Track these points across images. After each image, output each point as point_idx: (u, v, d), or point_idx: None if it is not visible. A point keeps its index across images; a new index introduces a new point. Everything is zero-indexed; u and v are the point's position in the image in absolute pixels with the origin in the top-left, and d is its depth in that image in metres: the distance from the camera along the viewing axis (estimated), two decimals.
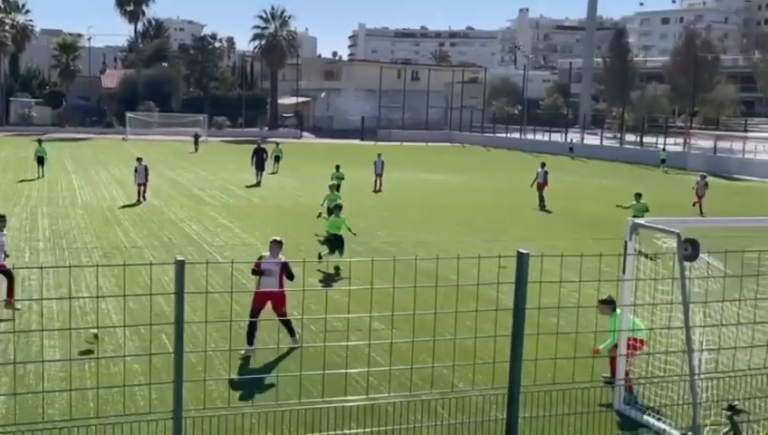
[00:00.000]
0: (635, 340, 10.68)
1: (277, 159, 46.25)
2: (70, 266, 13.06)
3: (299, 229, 25.47)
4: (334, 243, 18.09)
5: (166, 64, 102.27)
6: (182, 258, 6.06)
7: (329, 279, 15.99)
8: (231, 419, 7.69)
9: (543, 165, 34.85)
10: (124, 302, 13.43)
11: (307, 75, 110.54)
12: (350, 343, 8.04)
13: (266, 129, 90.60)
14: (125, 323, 11.74)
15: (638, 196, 24.38)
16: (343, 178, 31.83)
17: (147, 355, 10.10)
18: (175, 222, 26.32)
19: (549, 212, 31.75)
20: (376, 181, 38.21)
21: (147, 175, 31.66)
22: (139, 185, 31.49)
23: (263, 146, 41.55)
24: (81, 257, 19.31)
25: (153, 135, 76.21)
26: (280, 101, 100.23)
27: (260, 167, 40.07)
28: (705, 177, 33.92)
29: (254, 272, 11.92)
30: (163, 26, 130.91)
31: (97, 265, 16.07)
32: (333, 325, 9.99)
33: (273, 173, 44.28)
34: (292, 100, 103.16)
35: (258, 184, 38.86)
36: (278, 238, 12.21)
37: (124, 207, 29.54)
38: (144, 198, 31.17)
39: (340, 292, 7.62)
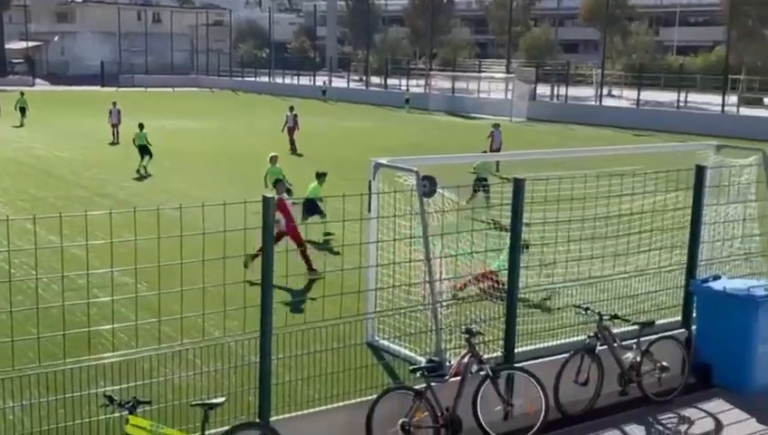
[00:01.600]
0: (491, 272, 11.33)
1: (23, 110, 42.84)
2: None
3: (38, 184, 23.90)
4: (314, 210, 15.19)
5: None
6: None
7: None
8: None
9: (292, 109, 35.06)
10: None
11: (37, 18, 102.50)
12: (93, 301, 7.74)
13: None
14: None
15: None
16: (146, 138, 28.14)
17: None
18: None
19: (300, 155, 32.05)
20: (113, 132, 36.06)
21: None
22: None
23: None
24: None
25: None
26: (7, 45, 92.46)
27: None
28: (498, 126, 30.80)
29: None
30: None
31: None
32: (78, 283, 9.54)
33: (19, 126, 41.05)
34: (22, 44, 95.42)
35: None
36: None
37: None
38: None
39: (82, 248, 7.27)
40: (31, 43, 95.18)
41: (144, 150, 27.72)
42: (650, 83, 61.41)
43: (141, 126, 28.34)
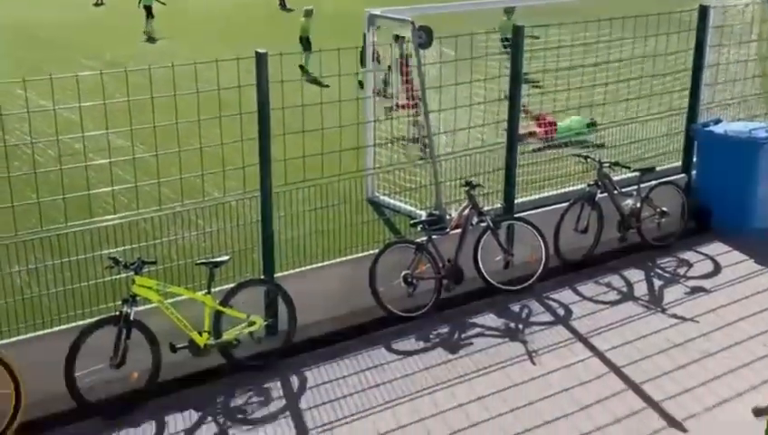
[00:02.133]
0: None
1: None
2: None
3: (25, 48, 23.37)
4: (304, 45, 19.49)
5: None
6: None
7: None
8: None
9: None
10: None
11: None
12: (91, 164, 7.66)
13: None
14: None
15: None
16: None
17: None
18: None
19: (290, 10, 31.16)
20: None
21: None
22: None
23: None
24: None
25: None
26: None
27: None
28: None
29: None
30: None
31: None
32: (74, 147, 9.44)
33: None
34: None
35: None
36: None
37: None
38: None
39: (74, 111, 7.13)
40: None
41: (148, 11, 26.83)
42: None
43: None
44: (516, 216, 9.26)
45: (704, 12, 10.34)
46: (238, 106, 7.33)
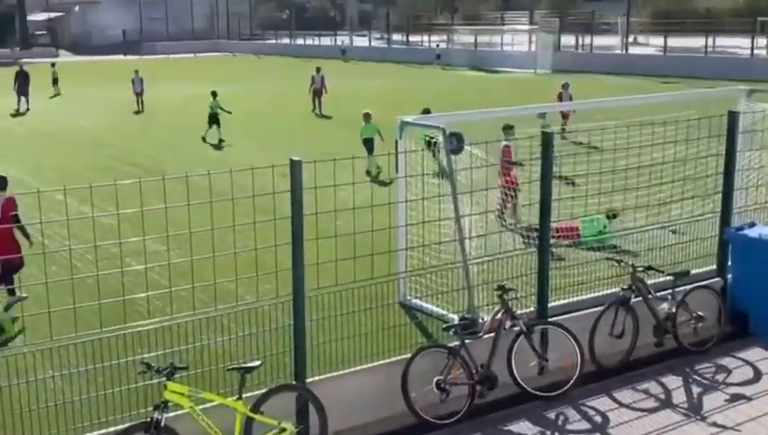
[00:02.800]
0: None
1: (55, 81, 43.57)
2: None
3: (66, 155, 24.07)
4: (368, 145, 20.77)
5: None
6: None
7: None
8: (11, 361, 7.30)
9: (319, 70, 34.46)
10: None
11: None
12: (127, 269, 7.79)
13: (18, 48, 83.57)
14: None
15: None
16: (219, 106, 28.00)
17: None
18: None
19: (327, 117, 31.89)
20: (137, 101, 36.12)
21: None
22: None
23: (25, 69, 37.60)
24: None
25: None
26: (30, 17, 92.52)
27: (23, 92, 36.44)
28: (568, 86, 26.60)
29: None
30: None
31: None
32: (111, 252, 9.61)
33: (55, 96, 41.56)
34: (44, 15, 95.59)
35: (20, 112, 35.93)
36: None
37: None
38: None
39: (112, 217, 7.30)
40: (52, 14, 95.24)
41: (213, 119, 27.11)
42: (677, 29, 60.31)
43: (214, 94, 27.80)
44: (550, 320, 9.18)
45: (733, 117, 10.43)
46: (273, 211, 7.46)
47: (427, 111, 20.09)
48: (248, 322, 8.08)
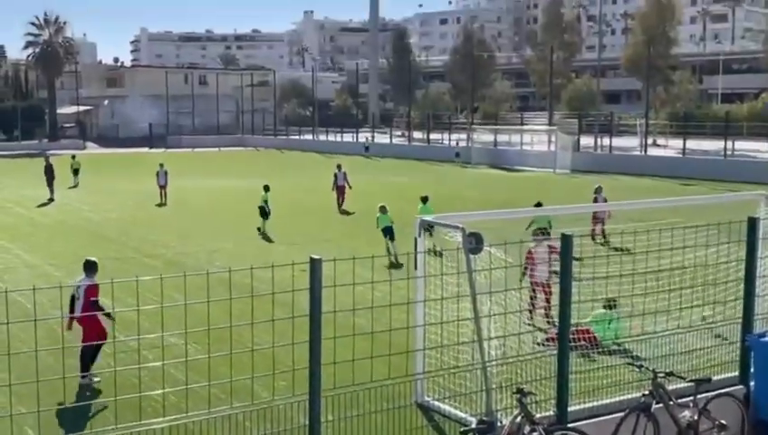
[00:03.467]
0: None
1: (76, 172, 44.56)
2: None
3: (89, 246, 24.30)
4: (388, 234, 22.25)
5: None
6: None
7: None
8: None
9: (340, 167, 34.73)
10: None
11: (88, 83, 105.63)
12: (145, 366, 7.79)
13: (46, 140, 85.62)
14: None
15: (424, 199, 22.98)
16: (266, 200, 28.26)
17: None
18: None
19: (348, 214, 32.07)
20: (161, 193, 36.63)
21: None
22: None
23: (50, 161, 39.39)
24: None
25: None
26: (60, 110, 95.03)
27: (48, 183, 37.78)
28: (601, 190, 25.31)
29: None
30: None
31: None
32: (129, 345, 9.63)
33: (73, 187, 42.33)
34: (73, 109, 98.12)
35: (51, 200, 36.73)
36: (90, 259, 11.70)
37: None
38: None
39: (134, 310, 7.35)
40: (82, 108, 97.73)
41: (262, 212, 27.73)
42: (696, 132, 60.88)
43: (266, 188, 28.33)
44: (570, 426, 9.01)
45: (753, 224, 10.43)
46: (292, 308, 7.48)
47: (539, 205, 20.26)
48: (263, 420, 8.01)
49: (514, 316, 9.31)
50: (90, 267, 11.56)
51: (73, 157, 46.64)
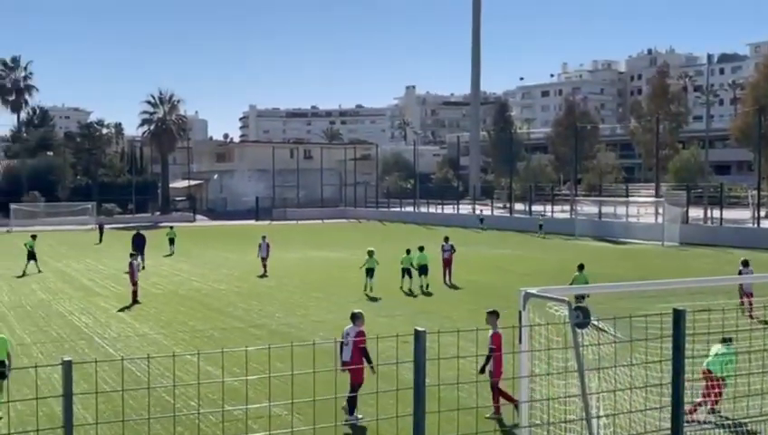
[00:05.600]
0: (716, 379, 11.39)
1: (171, 241, 46.68)
2: None
3: (196, 316, 24.92)
4: (423, 271, 29.64)
5: (51, 153, 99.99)
6: (69, 359, 5.82)
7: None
8: None
9: (447, 239, 34.71)
10: (8, 408, 12.72)
11: (199, 158, 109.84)
12: None
13: (158, 213, 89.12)
14: (9, 429, 11.11)
15: (581, 267, 22.58)
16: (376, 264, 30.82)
17: None
18: (63, 314, 25.37)
19: (457, 288, 31.63)
20: (262, 265, 37.00)
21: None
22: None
23: (141, 232, 41.72)
24: None
25: (40, 225, 73.56)
26: (172, 184, 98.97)
27: (140, 252, 39.10)
28: (748, 264, 24.64)
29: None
30: (48, 114, 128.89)
31: None
32: (234, 414, 9.73)
33: (168, 255, 43.88)
34: (185, 183, 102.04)
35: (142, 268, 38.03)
36: (356, 311, 12.61)
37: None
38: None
39: (241, 380, 7.45)
40: (193, 182, 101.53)
41: (369, 273, 30.20)
42: None
43: (371, 253, 30.79)
44: None
45: None
46: (396, 380, 7.44)
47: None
48: None
49: (624, 392, 8.99)
50: (356, 317, 12.35)
51: (171, 227, 49.76)
